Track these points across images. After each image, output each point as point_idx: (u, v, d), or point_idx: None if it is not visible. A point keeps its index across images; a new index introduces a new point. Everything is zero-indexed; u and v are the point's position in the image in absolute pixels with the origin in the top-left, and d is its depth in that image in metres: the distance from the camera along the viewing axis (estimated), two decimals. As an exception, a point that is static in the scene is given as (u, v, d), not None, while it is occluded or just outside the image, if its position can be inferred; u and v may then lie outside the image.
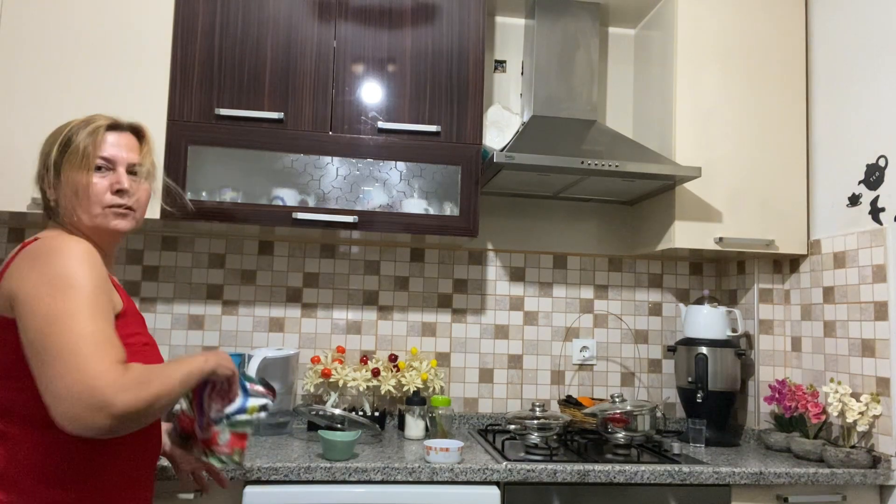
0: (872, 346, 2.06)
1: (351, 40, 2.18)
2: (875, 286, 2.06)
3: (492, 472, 1.83)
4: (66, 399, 1.04)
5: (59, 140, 1.30)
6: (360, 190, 2.33)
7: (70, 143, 1.29)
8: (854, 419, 2.01)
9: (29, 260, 1.15)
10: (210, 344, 2.41)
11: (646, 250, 2.50)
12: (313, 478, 1.78)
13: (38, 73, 2.03)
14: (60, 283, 1.11)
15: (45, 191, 1.30)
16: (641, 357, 2.64)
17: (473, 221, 2.19)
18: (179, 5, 2.11)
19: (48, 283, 1.11)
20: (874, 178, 2.11)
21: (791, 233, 2.34)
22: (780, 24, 2.40)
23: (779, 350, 2.44)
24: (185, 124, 2.08)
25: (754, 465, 1.98)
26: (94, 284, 1.14)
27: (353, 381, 2.29)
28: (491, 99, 2.63)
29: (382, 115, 2.18)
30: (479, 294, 2.57)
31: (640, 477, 1.88)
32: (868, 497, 1.99)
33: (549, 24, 2.47)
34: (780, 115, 2.37)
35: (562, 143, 2.26)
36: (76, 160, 1.28)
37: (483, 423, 2.50)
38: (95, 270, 1.15)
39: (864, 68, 2.17)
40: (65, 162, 1.28)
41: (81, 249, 1.17)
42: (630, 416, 2.10)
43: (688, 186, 2.30)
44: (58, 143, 1.29)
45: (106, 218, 1.29)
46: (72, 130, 1.31)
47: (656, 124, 2.47)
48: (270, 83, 2.13)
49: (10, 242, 2.35)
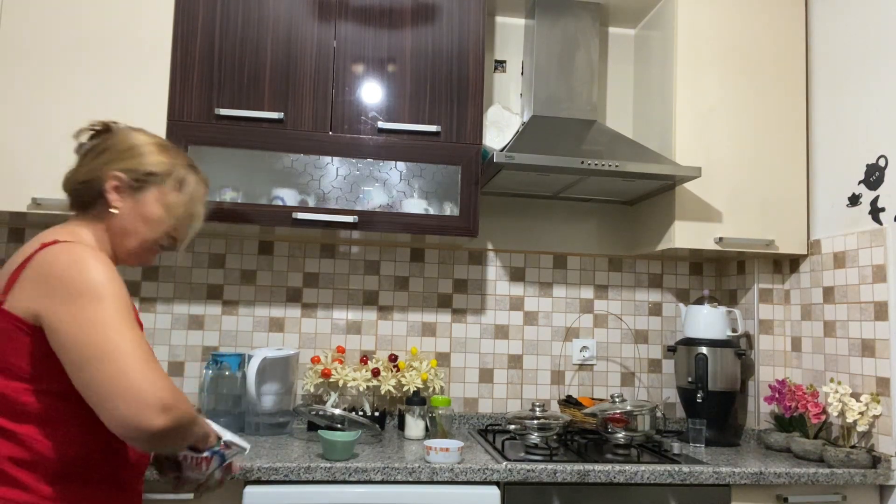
0: (872, 346, 2.06)
1: (351, 40, 2.18)
2: (875, 286, 2.06)
3: (492, 472, 1.83)
4: (128, 397, 1.03)
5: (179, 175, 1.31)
6: (360, 190, 2.33)
7: (182, 185, 1.32)
8: (854, 419, 2.01)
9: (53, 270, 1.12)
10: (210, 344, 2.41)
11: (646, 250, 2.50)
12: (313, 478, 1.78)
13: (38, 74, 2.03)
14: (94, 294, 1.10)
15: (107, 189, 1.26)
16: (641, 357, 2.64)
17: (473, 221, 2.19)
18: (179, 5, 2.11)
19: (78, 294, 1.10)
20: (874, 178, 2.11)
21: (791, 233, 2.34)
22: (780, 24, 2.40)
23: (779, 350, 2.44)
24: (185, 124, 2.08)
25: (754, 465, 1.98)
26: (122, 291, 1.13)
27: (353, 381, 2.29)
28: (491, 99, 2.63)
29: (382, 115, 2.18)
30: (479, 294, 2.57)
31: (640, 477, 1.88)
32: (868, 497, 1.99)
33: (549, 24, 2.47)
34: (780, 115, 2.37)
35: (562, 143, 2.26)
36: (177, 204, 1.31)
37: (483, 423, 2.50)
38: (117, 277, 1.16)
39: (864, 68, 2.17)
40: (169, 194, 1.30)
41: (105, 262, 1.16)
42: (630, 416, 2.10)
43: (688, 186, 2.30)
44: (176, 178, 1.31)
45: (148, 253, 1.32)
46: (186, 170, 1.33)
47: (656, 124, 2.47)
48: (270, 83, 2.13)
49: (10, 242, 2.35)
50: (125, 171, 1.27)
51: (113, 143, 1.30)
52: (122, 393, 1.04)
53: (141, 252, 1.32)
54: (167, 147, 1.35)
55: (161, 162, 1.31)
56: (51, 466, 1.15)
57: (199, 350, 2.40)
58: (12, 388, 1.14)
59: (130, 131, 1.33)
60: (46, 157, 2.02)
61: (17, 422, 1.14)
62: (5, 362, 1.15)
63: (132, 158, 1.28)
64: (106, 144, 1.30)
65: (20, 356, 1.14)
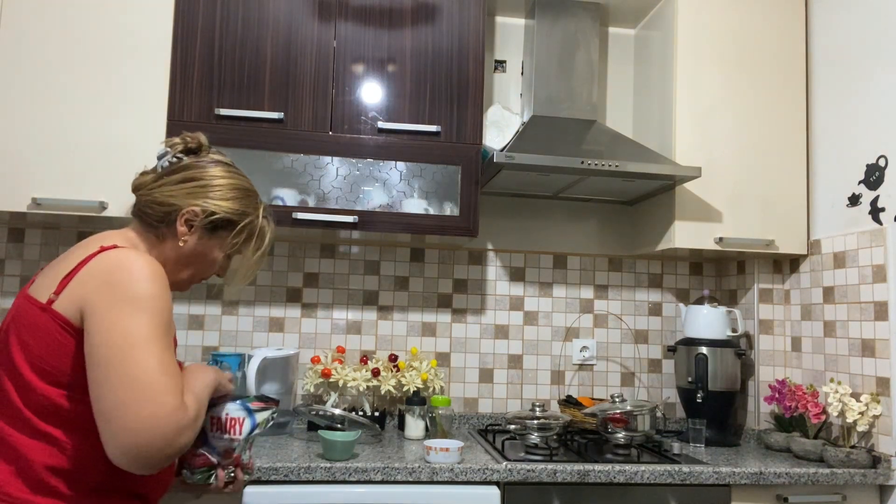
0: (872, 346, 2.06)
1: (351, 40, 2.18)
2: (875, 286, 2.06)
3: (492, 472, 1.83)
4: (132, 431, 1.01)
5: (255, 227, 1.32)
6: (360, 190, 2.33)
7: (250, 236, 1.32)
8: (854, 419, 2.01)
9: (108, 272, 1.11)
10: (210, 344, 2.41)
11: (646, 250, 2.50)
12: (313, 478, 1.78)
13: (38, 74, 2.03)
14: (140, 305, 1.08)
15: (180, 220, 1.25)
16: (641, 357, 2.64)
17: (473, 221, 2.19)
18: (179, 5, 2.11)
19: (125, 300, 1.08)
20: (874, 178, 2.11)
21: (791, 233, 2.34)
22: (780, 23, 2.40)
23: (779, 350, 2.44)
24: (185, 124, 2.08)
25: (754, 465, 1.98)
26: (168, 310, 1.12)
27: (353, 381, 2.29)
28: (491, 99, 2.63)
29: (382, 115, 2.17)
30: (479, 294, 2.57)
31: (640, 477, 1.88)
32: (868, 497, 1.99)
33: (549, 24, 2.47)
34: (780, 115, 2.37)
35: (562, 143, 2.26)
36: (249, 254, 1.32)
37: (483, 423, 2.50)
38: (168, 295, 1.14)
39: (865, 68, 2.17)
40: (240, 243, 1.31)
41: (158, 270, 1.14)
42: (630, 416, 2.10)
43: (688, 186, 2.30)
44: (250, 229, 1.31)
45: (192, 284, 1.34)
46: (259, 221, 1.33)
47: (656, 124, 2.47)
48: (270, 83, 2.13)
49: (10, 242, 2.35)
50: (203, 209, 1.26)
51: (200, 176, 1.28)
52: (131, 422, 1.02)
53: (187, 284, 1.33)
54: (249, 193, 1.33)
55: (240, 211, 1.30)
56: (87, 478, 1.13)
57: (199, 350, 2.40)
58: (54, 392, 1.12)
59: (219, 166, 1.31)
60: (46, 157, 2.02)
61: (57, 427, 1.12)
62: (48, 365, 1.12)
63: (214, 199, 1.27)
64: (192, 174, 1.28)
65: (62, 359, 1.11)
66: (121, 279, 1.10)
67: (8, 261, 2.34)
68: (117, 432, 1.02)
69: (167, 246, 1.27)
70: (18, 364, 1.13)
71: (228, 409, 1.28)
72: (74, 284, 1.12)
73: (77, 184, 2.03)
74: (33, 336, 1.12)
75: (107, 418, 1.04)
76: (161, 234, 1.27)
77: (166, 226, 1.26)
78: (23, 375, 1.12)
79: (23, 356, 1.13)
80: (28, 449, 1.11)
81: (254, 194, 1.34)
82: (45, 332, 1.12)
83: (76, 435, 1.12)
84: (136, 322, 1.07)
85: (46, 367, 1.12)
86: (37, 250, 2.36)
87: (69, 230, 2.38)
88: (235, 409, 1.29)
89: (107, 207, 2.03)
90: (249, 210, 1.32)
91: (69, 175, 2.02)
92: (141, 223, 1.28)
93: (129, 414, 1.02)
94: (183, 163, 1.29)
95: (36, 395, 1.12)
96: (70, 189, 2.02)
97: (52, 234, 2.37)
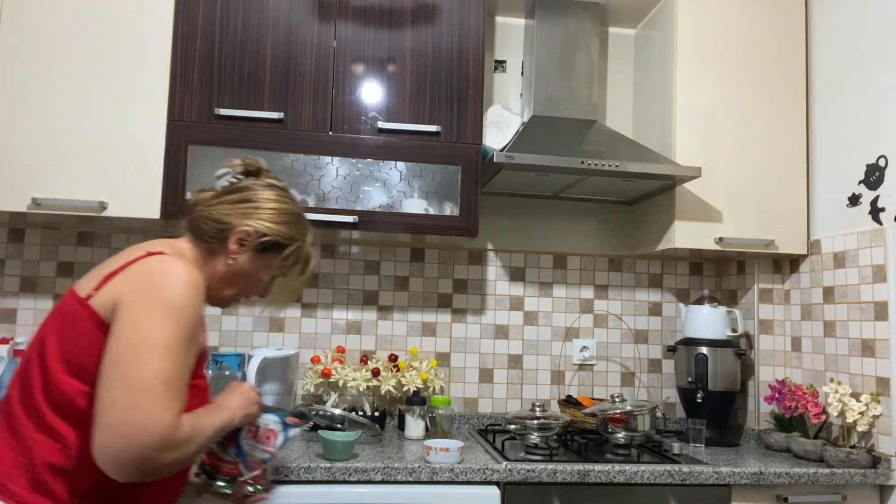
0: (872, 346, 2.06)
1: (351, 40, 2.18)
2: (875, 286, 2.06)
3: (492, 472, 1.83)
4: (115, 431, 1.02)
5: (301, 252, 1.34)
6: (360, 190, 2.33)
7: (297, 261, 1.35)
8: (854, 419, 2.01)
9: (147, 274, 1.13)
10: (210, 344, 2.41)
11: (646, 250, 2.50)
12: (313, 478, 1.78)
13: (38, 73, 2.03)
14: (168, 311, 1.09)
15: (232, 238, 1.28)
16: (641, 357, 2.64)
17: (473, 221, 2.19)
18: (179, 5, 2.11)
19: (156, 304, 1.09)
20: (874, 178, 2.11)
21: (791, 233, 2.34)
22: (780, 23, 2.40)
23: (779, 350, 2.44)
24: (185, 124, 2.08)
25: (754, 465, 1.98)
26: (194, 322, 1.13)
27: (353, 381, 2.29)
28: (491, 99, 2.63)
29: (382, 115, 2.17)
30: (479, 294, 2.57)
31: (640, 477, 1.88)
32: (868, 497, 1.99)
33: (549, 24, 2.47)
34: (780, 115, 2.37)
35: (562, 143, 2.26)
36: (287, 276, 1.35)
37: (483, 423, 2.50)
38: (200, 308, 1.15)
39: (864, 68, 2.17)
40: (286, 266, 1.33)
41: (198, 284, 1.16)
42: (630, 416, 2.10)
43: (688, 186, 2.30)
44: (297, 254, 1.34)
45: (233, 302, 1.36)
46: (307, 248, 1.37)
47: (656, 124, 2.47)
48: (270, 83, 2.13)
49: (10, 242, 2.35)
50: (256, 230, 1.30)
51: (255, 198, 1.32)
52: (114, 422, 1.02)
53: (229, 301, 1.35)
54: (299, 219, 1.37)
55: (289, 235, 1.34)
56: (85, 480, 1.12)
57: (199, 350, 2.40)
58: (73, 387, 1.12)
59: (274, 191, 1.35)
60: (46, 157, 2.01)
61: (66, 422, 1.12)
62: (74, 358, 1.13)
63: (267, 221, 1.31)
64: (248, 195, 1.32)
65: (89, 355, 1.12)
66: (156, 283, 1.11)
67: (8, 261, 2.34)
68: (101, 429, 1.03)
69: (217, 262, 1.30)
70: (49, 353, 1.14)
71: (267, 419, 1.31)
72: (114, 283, 1.14)
73: (77, 184, 2.02)
74: (68, 328, 1.14)
75: (98, 414, 1.04)
76: (212, 249, 1.30)
77: (218, 242, 1.29)
78: (49, 365, 1.13)
79: (56, 346, 1.14)
80: (34, 442, 1.12)
81: (303, 221, 1.39)
82: (78, 325, 1.13)
83: (82, 435, 1.12)
84: (159, 326, 1.08)
85: (72, 360, 1.13)
86: (37, 250, 2.36)
87: (69, 230, 2.38)
88: (273, 422, 1.31)
89: (107, 207, 2.03)
90: (298, 235, 1.36)
91: (69, 175, 2.02)
92: (194, 237, 1.31)
93: (117, 413, 1.03)
94: (241, 184, 1.34)
95: (55, 387, 1.13)
96: (70, 189, 2.02)
97: (52, 234, 2.37)
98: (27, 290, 2.34)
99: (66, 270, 2.36)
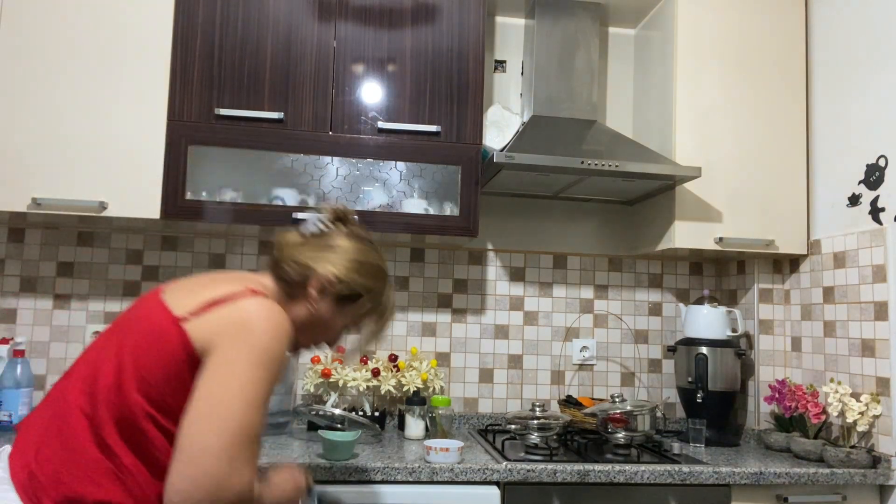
0: (872, 346, 2.06)
1: (351, 40, 2.18)
2: (875, 286, 2.06)
3: (492, 472, 1.83)
4: (200, 479, 1.02)
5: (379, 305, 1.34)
6: (360, 190, 2.33)
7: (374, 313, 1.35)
8: (854, 419, 2.01)
9: (249, 320, 1.12)
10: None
11: (646, 250, 2.50)
12: (313, 478, 1.78)
13: (37, 73, 2.03)
14: (263, 359, 1.10)
15: (313, 285, 1.28)
16: (641, 357, 2.64)
17: (473, 221, 2.19)
18: (179, 5, 2.11)
19: (255, 353, 1.09)
20: (874, 178, 2.11)
21: (791, 233, 2.34)
22: (780, 23, 2.40)
23: (779, 350, 2.44)
24: (185, 124, 2.08)
25: (754, 465, 1.98)
26: (280, 372, 1.13)
27: (353, 381, 2.30)
28: (491, 99, 2.63)
29: (382, 115, 2.17)
30: (479, 294, 2.57)
31: (640, 477, 1.88)
32: (868, 497, 1.99)
33: (549, 24, 2.47)
34: (780, 115, 2.37)
35: (562, 143, 2.26)
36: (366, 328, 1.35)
37: (483, 423, 2.50)
38: (284, 365, 1.16)
39: (865, 68, 2.17)
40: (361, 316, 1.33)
41: (290, 335, 1.16)
42: (630, 416, 2.10)
43: (688, 186, 2.30)
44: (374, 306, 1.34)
45: (304, 346, 1.35)
46: (386, 301, 1.36)
47: (656, 124, 2.47)
48: (270, 83, 2.13)
49: (10, 242, 2.35)
50: (338, 279, 1.29)
51: (340, 246, 1.32)
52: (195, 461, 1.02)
53: (300, 346, 1.35)
54: (381, 272, 1.37)
55: (369, 287, 1.33)
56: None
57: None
58: (141, 406, 1.09)
59: (360, 242, 1.35)
60: (46, 157, 2.01)
61: (126, 445, 1.09)
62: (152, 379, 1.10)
63: (351, 272, 1.31)
64: (335, 243, 1.32)
65: (169, 382, 1.10)
66: (256, 328, 1.11)
67: (8, 261, 2.34)
68: (183, 474, 1.03)
69: (296, 306, 1.30)
70: (126, 367, 1.10)
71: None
72: (213, 317, 1.12)
73: (77, 184, 2.03)
74: (153, 346, 1.11)
75: (184, 458, 1.03)
76: (293, 293, 1.30)
77: (299, 287, 1.29)
78: (123, 380, 1.10)
79: (133, 361, 1.11)
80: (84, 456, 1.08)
81: (384, 274, 1.38)
82: (166, 346, 1.11)
83: (138, 463, 1.09)
84: (253, 375, 1.08)
85: (149, 380, 1.10)
86: (37, 250, 2.36)
87: (69, 230, 2.38)
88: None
89: (107, 207, 2.03)
90: (377, 288, 1.35)
91: (69, 175, 2.02)
92: (276, 277, 1.31)
93: (205, 462, 1.03)
94: (329, 231, 1.34)
95: (124, 403, 1.09)
96: (70, 189, 2.02)
97: (52, 234, 2.37)
98: (27, 290, 2.34)
99: (66, 270, 2.36)
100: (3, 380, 2.13)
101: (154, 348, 1.11)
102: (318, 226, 1.35)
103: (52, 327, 2.34)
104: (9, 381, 2.13)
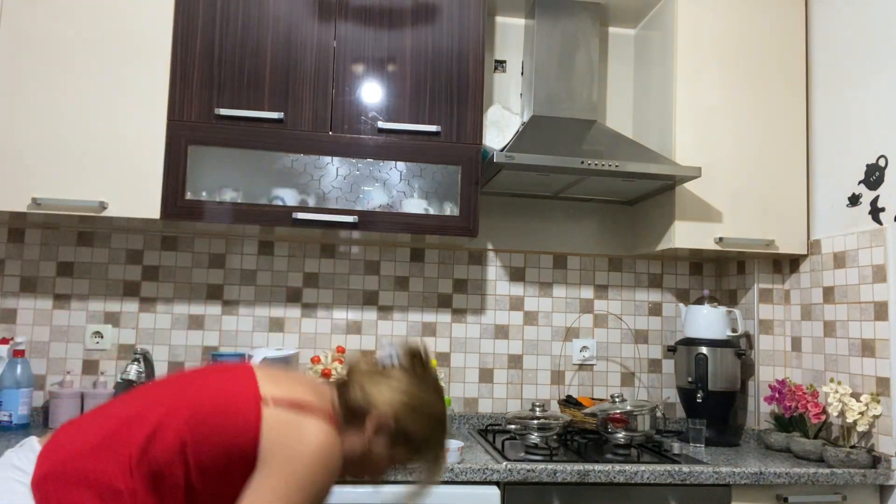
0: (872, 346, 2.06)
1: (351, 40, 2.18)
2: (875, 286, 2.06)
3: (492, 472, 1.83)
4: None
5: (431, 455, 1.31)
6: (360, 190, 2.33)
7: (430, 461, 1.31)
8: (854, 419, 2.01)
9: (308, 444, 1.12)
10: (210, 344, 2.41)
11: (646, 250, 2.50)
12: (313, 478, 1.77)
13: (38, 74, 2.03)
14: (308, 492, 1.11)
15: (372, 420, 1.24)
16: (641, 357, 2.64)
17: (473, 221, 2.19)
18: (179, 5, 2.11)
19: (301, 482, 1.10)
20: (874, 178, 2.11)
21: (791, 233, 2.34)
22: (780, 24, 2.40)
23: (779, 350, 2.44)
24: (185, 124, 2.08)
25: (754, 465, 1.98)
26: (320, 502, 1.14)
27: (353, 381, 2.29)
28: (491, 99, 2.63)
29: (382, 115, 2.18)
30: (479, 294, 2.57)
31: (640, 477, 1.88)
32: (868, 497, 1.99)
33: (549, 24, 2.47)
34: (780, 115, 2.37)
35: (562, 143, 2.26)
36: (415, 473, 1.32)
37: (483, 423, 2.50)
38: (329, 490, 1.16)
39: (864, 68, 2.17)
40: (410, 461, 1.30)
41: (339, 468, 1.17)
42: (630, 416, 2.10)
43: (688, 186, 2.30)
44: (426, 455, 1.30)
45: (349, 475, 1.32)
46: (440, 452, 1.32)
47: (656, 124, 2.47)
48: (270, 83, 2.13)
49: (10, 242, 2.35)
50: (397, 422, 1.25)
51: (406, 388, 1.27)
52: None
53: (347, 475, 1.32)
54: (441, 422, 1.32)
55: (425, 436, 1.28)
56: None
57: (199, 350, 2.40)
58: (179, 465, 1.09)
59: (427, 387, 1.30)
60: (47, 157, 2.02)
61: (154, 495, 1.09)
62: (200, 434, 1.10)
63: (408, 414, 1.26)
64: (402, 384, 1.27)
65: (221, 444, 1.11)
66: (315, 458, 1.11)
67: (8, 261, 2.34)
68: None
69: (352, 436, 1.26)
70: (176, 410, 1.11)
71: None
72: (288, 418, 1.13)
73: (77, 184, 2.03)
74: (218, 402, 1.13)
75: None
76: (352, 420, 1.26)
77: (359, 416, 1.25)
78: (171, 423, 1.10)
79: (189, 409, 1.11)
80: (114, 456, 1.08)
81: (444, 426, 1.33)
82: (234, 412, 1.12)
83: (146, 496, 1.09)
84: (295, 499, 1.09)
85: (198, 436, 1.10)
86: (37, 250, 2.36)
87: (69, 230, 2.38)
88: None
89: (107, 207, 2.03)
90: (434, 438, 1.30)
91: (69, 175, 2.02)
92: (339, 397, 1.27)
93: None
94: (400, 367, 1.30)
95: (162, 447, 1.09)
96: (70, 189, 2.02)
97: (52, 234, 2.37)
98: (27, 290, 2.34)
99: (66, 270, 2.36)
100: (3, 380, 2.13)
101: (220, 410, 1.12)
102: (392, 360, 1.30)
103: (52, 327, 2.34)
104: (9, 381, 2.13)
